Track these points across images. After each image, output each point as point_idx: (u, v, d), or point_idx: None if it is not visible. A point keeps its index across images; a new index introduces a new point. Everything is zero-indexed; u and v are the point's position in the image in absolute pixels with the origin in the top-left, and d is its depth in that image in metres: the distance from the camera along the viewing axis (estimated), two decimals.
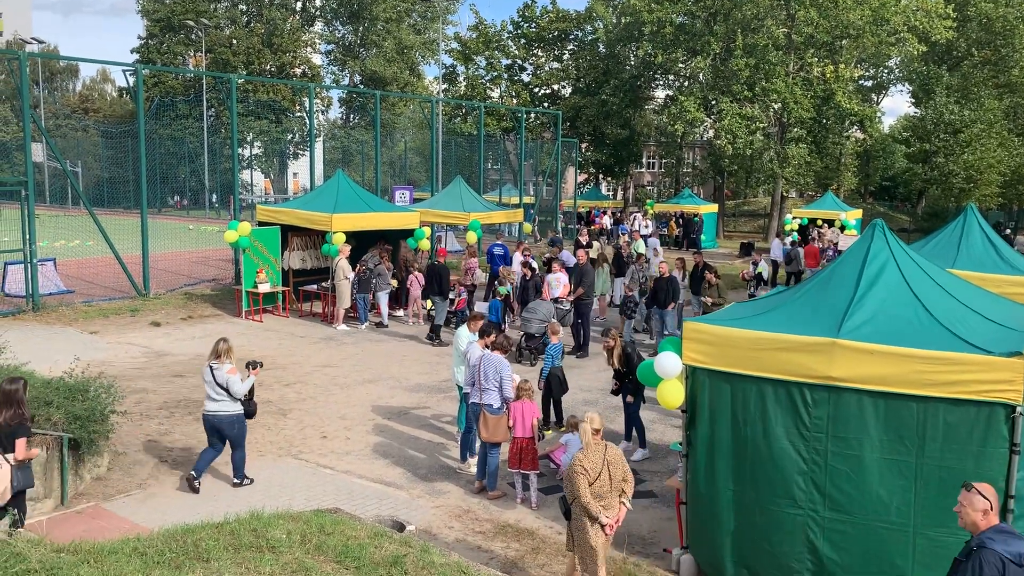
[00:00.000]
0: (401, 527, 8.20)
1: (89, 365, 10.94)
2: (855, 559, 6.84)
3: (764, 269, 20.64)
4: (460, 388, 10.86)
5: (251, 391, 9.57)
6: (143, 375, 14.13)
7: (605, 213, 42.69)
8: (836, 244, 29.13)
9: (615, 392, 11.36)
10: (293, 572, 5.87)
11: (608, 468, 6.83)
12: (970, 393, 6.42)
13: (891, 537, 6.71)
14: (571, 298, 16.72)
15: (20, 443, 7.31)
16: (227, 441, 9.53)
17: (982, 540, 4.83)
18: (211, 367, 9.31)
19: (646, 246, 28.46)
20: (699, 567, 7.88)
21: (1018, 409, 6.33)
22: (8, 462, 7.23)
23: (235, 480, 9.66)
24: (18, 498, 7.40)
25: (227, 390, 9.26)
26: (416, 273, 19.16)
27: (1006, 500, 6.47)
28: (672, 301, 16.97)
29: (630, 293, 18.16)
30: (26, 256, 17.84)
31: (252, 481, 9.71)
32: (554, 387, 12.01)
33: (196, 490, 9.41)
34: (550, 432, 11.49)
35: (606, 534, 6.85)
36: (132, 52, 62.29)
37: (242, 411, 9.49)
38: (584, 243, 27.12)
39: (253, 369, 9.59)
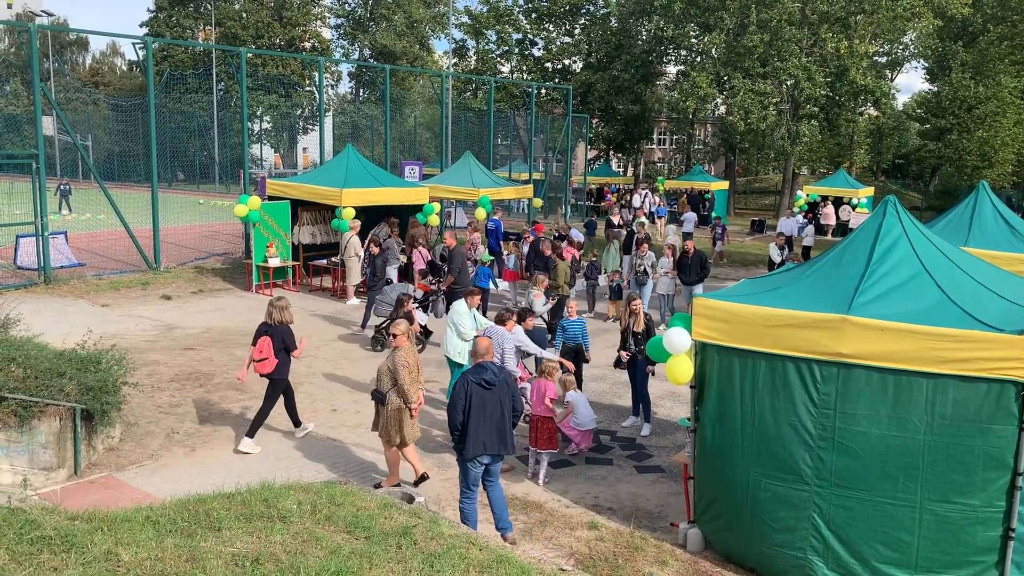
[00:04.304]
0: (410, 499, 8.25)
1: (101, 337, 11.01)
2: (861, 535, 6.87)
3: (775, 253, 20.21)
4: (449, 360, 11.27)
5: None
6: (154, 348, 14.22)
7: (620, 190, 42.40)
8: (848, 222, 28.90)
9: (621, 364, 11.35)
10: (304, 542, 5.92)
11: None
12: (980, 370, 6.41)
13: (897, 513, 6.73)
14: (444, 286, 15.63)
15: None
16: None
17: (464, 371, 7.70)
18: None
19: (678, 223, 28.21)
20: (706, 541, 7.93)
21: None
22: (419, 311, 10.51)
23: None
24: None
25: None
26: (421, 248, 19.12)
27: (1014, 477, 6.48)
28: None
29: (613, 281, 18.10)
30: (38, 229, 17.93)
31: None
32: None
33: None
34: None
35: (412, 415, 8.64)
36: (141, 25, 62.38)
37: None
38: (616, 223, 26.83)
39: None
